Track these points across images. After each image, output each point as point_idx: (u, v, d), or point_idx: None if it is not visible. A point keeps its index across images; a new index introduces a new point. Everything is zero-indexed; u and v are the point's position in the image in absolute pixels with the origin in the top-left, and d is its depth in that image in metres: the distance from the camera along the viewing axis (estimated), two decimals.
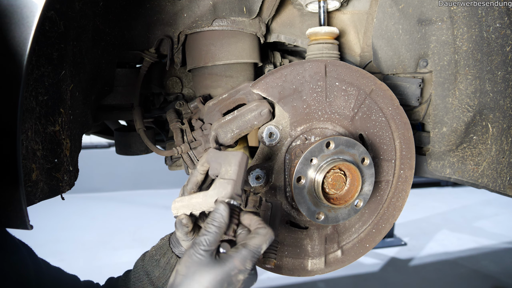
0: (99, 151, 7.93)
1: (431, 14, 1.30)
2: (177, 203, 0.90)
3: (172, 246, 1.02)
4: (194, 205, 0.87)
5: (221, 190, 0.83)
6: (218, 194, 0.83)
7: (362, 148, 1.16)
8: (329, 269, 1.30)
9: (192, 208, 0.88)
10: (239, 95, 1.24)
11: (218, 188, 0.83)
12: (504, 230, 5.66)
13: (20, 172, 0.82)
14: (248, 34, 1.43)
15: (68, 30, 0.98)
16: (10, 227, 0.91)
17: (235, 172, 0.84)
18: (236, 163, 0.85)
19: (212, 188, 0.85)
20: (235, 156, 0.87)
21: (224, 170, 0.86)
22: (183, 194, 0.96)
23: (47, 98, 0.97)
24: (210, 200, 0.83)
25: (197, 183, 0.96)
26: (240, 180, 0.85)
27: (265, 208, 0.96)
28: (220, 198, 0.82)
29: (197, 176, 0.96)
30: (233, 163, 0.86)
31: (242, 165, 0.86)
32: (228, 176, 0.84)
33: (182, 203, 0.90)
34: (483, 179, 1.37)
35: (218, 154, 0.91)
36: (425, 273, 4.44)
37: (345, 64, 1.19)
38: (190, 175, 0.98)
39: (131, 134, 1.99)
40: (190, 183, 0.96)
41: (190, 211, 0.89)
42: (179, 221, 0.91)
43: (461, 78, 1.30)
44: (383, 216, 1.35)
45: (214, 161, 0.90)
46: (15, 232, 0.95)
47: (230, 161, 0.86)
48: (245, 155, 0.88)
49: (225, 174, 0.85)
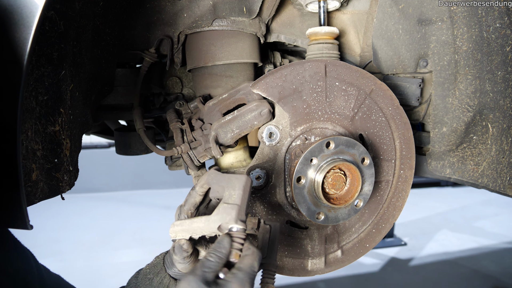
0: (99, 151, 7.93)
1: (431, 14, 1.30)
2: (177, 227, 0.87)
3: (166, 266, 1.00)
4: (195, 230, 0.85)
5: (224, 216, 0.80)
6: (222, 220, 0.80)
7: (362, 148, 1.16)
8: (329, 269, 1.30)
9: (193, 232, 0.85)
10: (239, 95, 1.24)
11: (222, 214, 0.80)
12: (504, 230, 5.66)
13: (20, 172, 0.82)
14: (248, 34, 1.43)
15: (68, 30, 0.98)
16: (10, 227, 0.91)
17: (239, 197, 0.82)
18: (241, 187, 0.83)
19: (215, 213, 0.82)
20: (239, 179, 0.84)
21: (228, 194, 0.83)
22: (179, 214, 0.94)
23: (47, 98, 0.97)
24: (212, 225, 0.81)
25: (195, 204, 0.94)
26: (245, 205, 0.82)
27: (264, 230, 0.93)
28: (224, 224, 0.79)
29: (196, 197, 0.94)
30: (237, 187, 0.83)
31: (246, 189, 0.84)
32: (232, 200, 0.81)
33: (182, 227, 0.86)
34: (483, 179, 1.37)
35: (220, 177, 0.88)
36: (425, 273, 4.44)
37: (345, 64, 1.19)
38: (188, 196, 0.95)
39: (131, 134, 1.99)
40: (187, 204, 0.94)
41: (190, 235, 0.86)
42: (179, 246, 0.88)
43: (461, 78, 1.30)
44: (383, 216, 1.35)
45: (215, 183, 0.88)
46: (15, 232, 0.96)
47: (234, 185, 0.83)
48: (249, 179, 0.86)
49: (229, 198, 0.82)
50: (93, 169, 7.45)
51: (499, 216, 6.35)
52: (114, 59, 1.38)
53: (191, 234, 0.86)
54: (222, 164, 1.34)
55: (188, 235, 0.86)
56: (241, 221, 0.80)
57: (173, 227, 0.87)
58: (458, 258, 4.79)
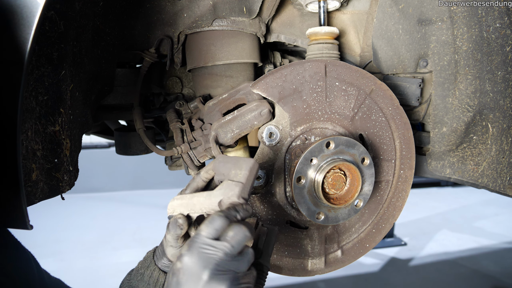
0: (99, 151, 7.92)
1: (431, 14, 1.30)
2: (176, 201, 0.86)
3: (155, 258, 0.98)
4: (195, 205, 0.83)
5: (227, 191, 0.79)
6: (224, 194, 0.79)
7: (362, 148, 1.16)
8: (329, 269, 1.30)
9: (192, 207, 0.84)
10: (239, 95, 1.24)
11: (225, 189, 0.80)
12: (504, 230, 5.65)
13: (20, 172, 0.82)
14: (248, 34, 1.43)
15: (68, 30, 0.98)
16: (10, 227, 0.91)
17: (245, 176, 0.81)
18: (247, 168, 0.82)
19: (218, 188, 0.81)
20: (247, 161, 0.84)
21: (234, 173, 0.82)
22: None
23: (47, 98, 0.97)
24: (214, 200, 0.80)
25: (197, 189, 0.92)
26: (249, 185, 0.81)
27: (261, 232, 0.92)
28: (225, 199, 0.79)
29: (199, 182, 0.92)
30: (244, 167, 0.82)
31: (252, 171, 0.83)
32: (237, 178, 0.81)
33: (181, 201, 0.85)
34: (483, 179, 1.37)
35: (227, 159, 0.87)
36: (425, 273, 4.44)
37: (345, 64, 1.19)
38: (191, 181, 0.94)
39: (131, 134, 1.99)
40: (189, 188, 0.92)
41: (189, 211, 0.85)
42: (174, 221, 0.85)
43: (461, 78, 1.30)
44: (383, 216, 1.35)
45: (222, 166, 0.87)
46: (15, 232, 0.96)
47: (241, 166, 0.83)
48: (257, 163, 0.85)
49: (235, 176, 0.82)
50: (93, 169, 7.45)
51: (499, 216, 6.35)
52: (114, 59, 1.38)
53: (190, 211, 0.84)
54: None
55: (186, 210, 0.84)
56: (244, 198, 0.79)
57: (172, 201, 0.86)
58: (458, 258, 4.79)
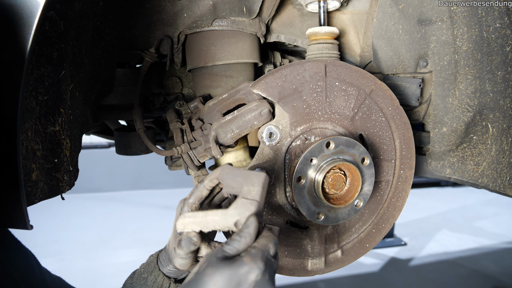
0: (99, 151, 7.92)
1: (431, 14, 1.30)
2: (188, 219, 0.83)
3: (159, 264, 0.97)
4: (208, 223, 0.81)
5: (243, 210, 0.78)
6: (240, 214, 0.78)
7: (362, 148, 1.16)
8: (329, 269, 1.30)
9: (205, 225, 0.81)
10: (239, 95, 1.24)
11: (241, 208, 0.78)
12: (504, 230, 5.65)
13: (20, 172, 0.82)
14: (248, 34, 1.43)
15: (68, 30, 0.98)
16: (10, 227, 0.91)
17: (258, 193, 0.80)
18: (260, 184, 0.81)
19: (233, 207, 0.79)
20: (259, 176, 0.82)
21: (247, 189, 0.81)
22: (182, 207, 0.91)
23: (47, 98, 0.97)
24: (230, 219, 0.78)
25: (201, 198, 0.91)
26: (263, 202, 0.80)
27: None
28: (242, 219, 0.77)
29: (203, 191, 0.91)
30: (256, 183, 0.81)
31: (265, 186, 0.82)
32: (251, 196, 0.79)
33: (194, 219, 0.82)
34: (483, 179, 1.37)
35: (236, 172, 0.86)
36: (425, 273, 4.44)
37: (345, 64, 1.19)
38: (195, 189, 0.93)
39: (131, 134, 1.99)
40: (193, 197, 0.91)
41: (201, 228, 0.82)
42: (188, 239, 0.83)
43: (461, 78, 1.30)
44: (383, 216, 1.35)
45: (230, 178, 0.85)
46: (15, 232, 0.96)
47: (253, 181, 0.81)
48: (267, 176, 0.84)
49: (248, 194, 0.80)
50: (93, 169, 7.45)
51: (499, 216, 6.35)
52: (114, 59, 1.38)
53: (202, 228, 0.82)
54: (222, 164, 1.34)
55: (199, 228, 0.82)
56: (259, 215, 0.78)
57: (184, 219, 0.83)
58: (458, 258, 4.79)
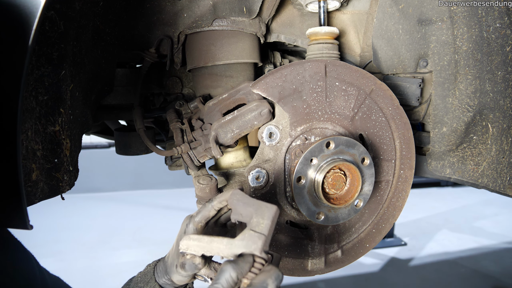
0: (99, 151, 7.92)
1: (431, 14, 1.30)
2: (192, 241, 0.83)
3: (156, 275, 0.98)
4: (213, 249, 0.81)
5: (250, 244, 0.77)
6: (247, 247, 0.77)
7: (362, 148, 1.16)
8: (329, 269, 1.30)
9: (209, 251, 0.81)
10: (239, 95, 1.24)
11: (247, 241, 0.77)
12: (504, 230, 5.65)
13: (20, 172, 0.82)
14: (248, 34, 1.43)
15: (68, 30, 0.98)
16: (10, 227, 0.91)
17: (267, 227, 0.79)
18: (270, 217, 0.80)
19: (239, 238, 0.79)
20: (270, 209, 0.82)
21: (256, 221, 0.80)
22: (188, 224, 0.92)
23: (47, 98, 0.97)
24: (235, 250, 0.78)
25: (207, 218, 0.92)
26: (270, 237, 0.79)
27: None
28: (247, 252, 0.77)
29: (210, 211, 0.92)
30: (266, 216, 0.80)
31: (274, 220, 0.81)
32: (260, 229, 0.78)
33: (199, 243, 0.82)
34: (483, 179, 1.37)
35: (247, 200, 0.85)
36: (425, 273, 4.44)
37: (345, 64, 1.19)
38: (202, 208, 0.93)
39: (131, 134, 1.99)
40: (200, 216, 0.92)
41: (204, 252, 0.82)
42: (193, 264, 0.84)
43: (461, 78, 1.30)
44: (383, 216, 1.35)
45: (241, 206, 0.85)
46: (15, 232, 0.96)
47: (264, 213, 0.81)
48: (278, 210, 0.83)
49: (256, 226, 0.79)
50: (93, 169, 7.45)
51: (499, 216, 6.35)
52: (114, 59, 1.38)
53: (205, 252, 0.82)
54: (222, 164, 1.34)
55: (201, 251, 0.82)
56: (266, 252, 0.78)
57: (188, 241, 0.83)
58: (458, 258, 4.79)
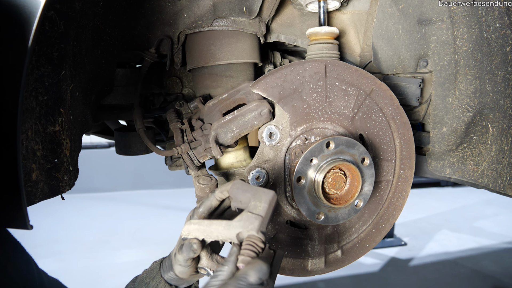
0: (99, 151, 7.92)
1: (431, 14, 1.30)
2: (193, 226, 0.86)
3: (162, 270, 1.00)
4: (212, 232, 0.83)
5: (247, 224, 0.79)
6: (243, 227, 0.79)
7: (362, 148, 1.16)
8: (329, 269, 1.30)
9: (208, 234, 0.84)
10: (239, 95, 1.24)
11: (245, 221, 0.80)
12: (504, 230, 5.65)
13: (20, 172, 0.82)
14: (248, 34, 1.43)
15: (68, 30, 0.98)
16: (10, 227, 0.91)
17: (264, 209, 0.81)
18: (267, 201, 0.83)
19: (237, 219, 0.81)
20: (267, 194, 0.85)
21: (253, 204, 0.83)
22: (192, 215, 0.94)
23: (47, 98, 0.97)
24: (232, 231, 0.80)
25: (210, 208, 0.94)
26: (267, 219, 0.82)
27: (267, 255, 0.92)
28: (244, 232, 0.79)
29: (213, 201, 0.94)
30: (263, 200, 0.83)
31: (272, 204, 0.84)
32: (257, 211, 0.81)
33: (199, 226, 0.85)
34: (483, 179, 1.37)
35: (246, 187, 0.88)
36: (425, 273, 4.44)
37: (345, 64, 1.19)
38: (205, 199, 0.95)
39: (131, 134, 1.98)
40: (203, 207, 0.94)
41: (204, 237, 0.85)
42: (189, 245, 0.86)
43: (461, 78, 1.30)
44: (383, 216, 1.35)
45: (240, 193, 0.87)
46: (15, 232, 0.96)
47: (261, 197, 0.84)
48: (276, 195, 0.86)
49: (254, 209, 0.82)
50: (93, 169, 7.45)
51: (499, 216, 6.35)
52: (114, 59, 1.38)
53: (205, 236, 0.85)
54: (222, 164, 1.34)
55: (202, 236, 0.85)
56: (262, 232, 0.79)
57: (189, 225, 0.86)
58: (458, 258, 4.79)
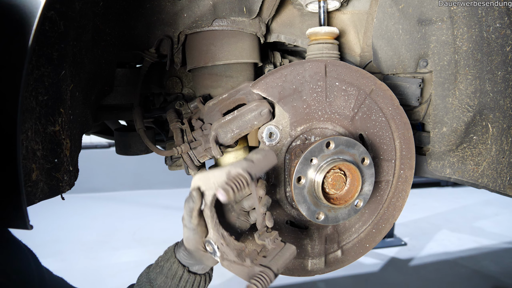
0: (99, 151, 7.92)
1: (431, 14, 1.30)
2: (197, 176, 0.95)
3: (176, 251, 1.05)
4: (210, 178, 0.92)
5: (237, 164, 0.88)
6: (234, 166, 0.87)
7: (362, 148, 1.16)
8: (329, 269, 1.30)
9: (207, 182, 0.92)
10: (239, 95, 1.23)
11: (236, 164, 0.88)
12: (504, 230, 5.65)
13: (20, 172, 0.82)
14: (248, 34, 1.43)
15: (68, 30, 0.98)
16: (10, 227, 0.91)
17: (257, 158, 0.89)
18: (263, 154, 0.91)
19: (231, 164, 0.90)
20: (265, 150, 0.93)
21: (250, 155, 0.91)
22: None
23: (47, 98, 0.97)
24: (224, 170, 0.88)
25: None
26: (258, 166, 0.89)
27: (277, 245, 0.97)
28: (232, 170, 0.86)
29: None
30: (260, 153, 0.92)
31: (266, 158, 0.91)
32: (249, 158, 0.90)
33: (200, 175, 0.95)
34: (483, 179, 1.37)
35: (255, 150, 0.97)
36: (425, 273, 4.44)
37: (345, 64, 1.19)
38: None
39: (131, 134, 1.98)
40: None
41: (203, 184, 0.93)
42: (190, 195, 0.93)
43: (461, 78, 1.30)
44: (383, 216, 1.35)
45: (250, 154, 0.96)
46: (15, 232, 0.95)
47: (259, 151, 0.93)
48: (275, 156, 0.94)
49: (250, 157, 0.91)
50: (93, 169, 7.45)
51: (499, 216, 6.35)
52: (114, 59, 1.38)
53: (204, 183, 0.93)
54: (222, 164, 1.34)
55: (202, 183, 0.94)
56: (248, 172, 0.86)
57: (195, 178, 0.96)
58: (458, 258, 4.79)
